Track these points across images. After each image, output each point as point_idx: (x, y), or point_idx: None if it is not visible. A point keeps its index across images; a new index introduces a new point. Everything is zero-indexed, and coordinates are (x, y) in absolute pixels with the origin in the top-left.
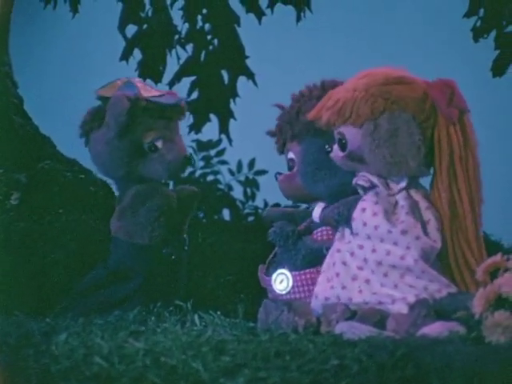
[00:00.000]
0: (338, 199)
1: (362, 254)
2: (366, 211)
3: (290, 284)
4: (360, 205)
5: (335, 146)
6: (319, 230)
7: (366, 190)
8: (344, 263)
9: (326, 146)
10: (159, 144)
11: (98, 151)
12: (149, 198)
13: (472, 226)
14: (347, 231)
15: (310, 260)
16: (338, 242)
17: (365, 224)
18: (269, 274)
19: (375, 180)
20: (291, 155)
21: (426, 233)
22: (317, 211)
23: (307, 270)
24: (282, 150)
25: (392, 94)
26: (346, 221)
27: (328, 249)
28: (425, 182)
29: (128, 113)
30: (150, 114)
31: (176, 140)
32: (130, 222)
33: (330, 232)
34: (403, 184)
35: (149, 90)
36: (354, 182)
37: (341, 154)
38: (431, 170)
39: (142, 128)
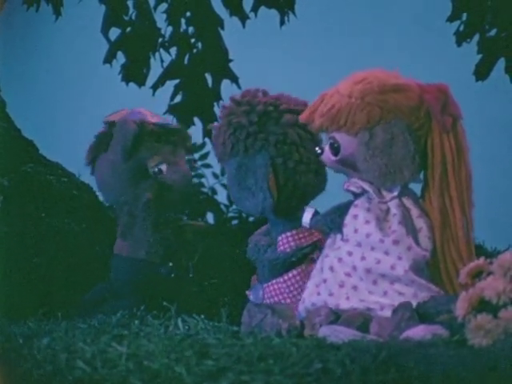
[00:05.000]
0: (269, 215)
1: (351, 261)
2: (358, 218)
3: (260, 296)
4: (352, 211)
5: (326, 148)
6: (279, 238)
7: (356, 195)
8: (331, 269)
9: (316, 148)
10: (164, 168)
11: (103, 175)
12: (145, 218)
13: (463, 234)
14: (338, 237)
15: (273, 270)
16: (328, 247)
17: (356, 231)
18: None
19: (367, 187)
20: None
21: (417, 241)
22: (306, 217)
23: (273, 281)
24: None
25: (388, 103)
26: (339, 227)
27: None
28: (415, 186)
29: (134, 136)
30: (156, 138)
31: (181, 165)
32: (131, 240)
33: (291, 238)
34: (396, 192)
35: (155, 117)
36: (345, 187)
37: (332, 158)
38: (421, 176)
39: (147, 152)
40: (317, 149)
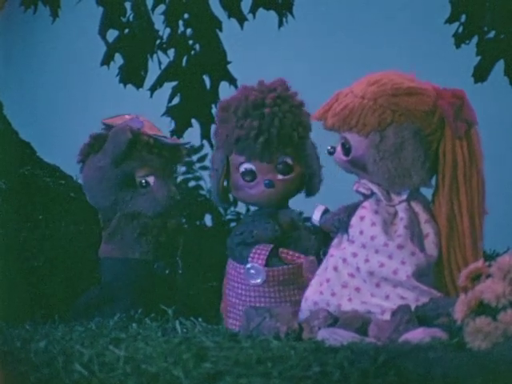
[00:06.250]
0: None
1: (355, 263)
2: (365, 220)
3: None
4: (359, 212)
5: (338, 148)
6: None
7: (366, 196)
8: (335, 269)
9: (329, 147)
10: (151, 180)
11: (89, 176)
12: (133, 219)
13: (470, 241)
14: (345, 237)
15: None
16: (334, 247)
17: (361, 232)
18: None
19: (376, 189)
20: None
21: (422, 247)
22: (316, 215)
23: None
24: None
25: (401, 106)
26: (346, 227)
27: (325, 253)
28: (427, 191)
29: (127, 145)
30: (149, 150)
31: (168, 181)
32: (120, 242)
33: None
34: (404, 196)
35: (153, 129)
36: (354, 188)
37: (344, 157)
38: (433, 181)
39: (137, 162)
40: (329, 148)
